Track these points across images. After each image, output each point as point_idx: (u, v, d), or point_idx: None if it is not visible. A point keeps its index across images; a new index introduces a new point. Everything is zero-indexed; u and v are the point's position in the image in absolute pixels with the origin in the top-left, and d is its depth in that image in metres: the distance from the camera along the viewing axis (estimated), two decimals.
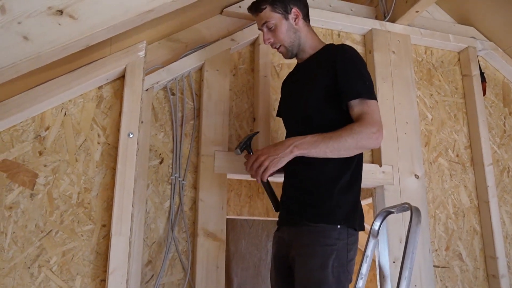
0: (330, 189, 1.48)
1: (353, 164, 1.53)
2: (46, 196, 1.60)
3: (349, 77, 1.50)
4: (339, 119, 1.50)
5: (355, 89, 1.48)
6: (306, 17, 1.66)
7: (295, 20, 1.61)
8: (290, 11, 1.61)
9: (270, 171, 1.48)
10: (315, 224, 1.45)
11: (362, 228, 1.53)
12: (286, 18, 1.61)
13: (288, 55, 1.66)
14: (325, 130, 1.48)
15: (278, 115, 1.86)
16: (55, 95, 1.66)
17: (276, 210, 1.68)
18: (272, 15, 1.60)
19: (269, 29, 1.63)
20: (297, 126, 1.62)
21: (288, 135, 1.70)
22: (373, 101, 1.49)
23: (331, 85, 1.52)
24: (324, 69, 1.55)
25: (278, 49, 1.66)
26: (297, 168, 1.55)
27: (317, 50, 1.64)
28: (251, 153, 1.65)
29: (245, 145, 1.65)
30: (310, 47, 1.65)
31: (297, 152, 1.45)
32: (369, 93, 1.50)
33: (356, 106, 1.48)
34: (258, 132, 1.82)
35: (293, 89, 1.71)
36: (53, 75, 1.69)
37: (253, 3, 1.65)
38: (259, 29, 1.66)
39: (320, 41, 1.68)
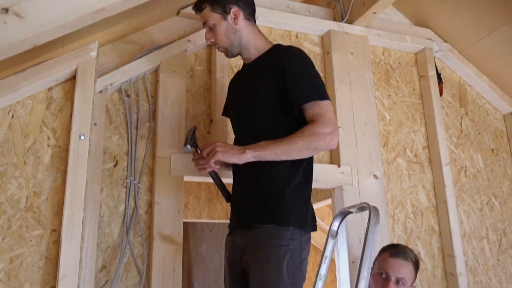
0: (281, 192, 1.47)
1: (303, 166, 1.52)
2: None
3: (299, 80, 1.49)
4: (286, 126, 1.49)
5: (305, 92, 1.47)
6: (251, 17, 1.64)
7: (234, 20, 1.59)
8: (229, 11, 1.59)
9: (219, 156, 1.46)
10: (267, 225, 1.44)
11: (315, 229, 1.53)
12: (225, 19, 1.59)
13: (228, 55, 1.65)
14: (273, 137, 1.46)
15: (224, 114, 1.84)
16: (2, 96, 1.61)
17: (227, 201, 1.66)
18: (211, 15, 1.59)
19: (210, 29, 1.62)
20: (245, 133, 1.60)
21: (236, 141, 1.67)
22: (326, 101, 1.48)
23: (279, 89, 1.50)
24: (272, 72, 1.53)
25: (218, 49, 1.65)
26: (247, 172, 1.54)
27: (264, 51, 1.62)
28: (198, 150, 1.63)
29: (192, 140, 1.62)
30: (254, 48, 1.62)
31: (249, 155, 1.44)
32: (321, 93, 1.49)
33: (309, 108, 1.47)
34: (195, 127, 1.77)
35: (240, 92, 1.68)
36: (2, 77, 1.64)
37: (195, 2, 1.64)
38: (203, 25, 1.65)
39: (266, 41, 1.65)
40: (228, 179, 1.82)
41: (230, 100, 1.78)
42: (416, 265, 1.84)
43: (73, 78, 1.72)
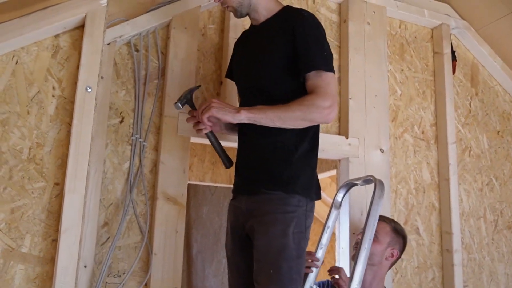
0: (288, 158, 1.45)
1: (311, 134, 1.50)
2: None
3: (308, 47, 1.44)
4: (295, 91, 1.45)
5: (312, 60, 1.43)
6: None
7: None
8: None
9: (213, 112, 1.42)
10: (274, 192, 1.43)
11: (319, 197, 1.52)
12: None
13: (237, 15, 1.57)
14: (280, 102, 1.43)
15: (228, 76, 1.77)
16: (6, 40, 1.53)
17: (227, 167, 1.61)
18: None
19: None
20: (251, 96, 1.55)
21: (242, 104, 1.62)
22: (330, 73, 1.44)
23: (289, 54, 1.46)
24: (282, 36, 1.48)
25: (227, 8, 1.56)
26: (253, 136, 1.51)
27: (274, 13, 1.55)
28: (195, 109, 1.57)
29: (186, 99, 1.56)
30: (264, 9, 1.55)
31: (243, 116, 1.40)
32: (326, 65, 1.45)
33: (311, 78, 1.43)
34: (199, 86, 1.73)
35: (247, 55, 1.62)
36: (6, 19, 1.55)
37: None
38: None
39: (277, 2, 1.58)
40: (230, 143, 1.80)
41: (236, 62, 1.71)
42: (396, 232, 1.86)
43: (81, 27, 1.64)
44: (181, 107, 1.55)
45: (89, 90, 1.58)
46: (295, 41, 1.44)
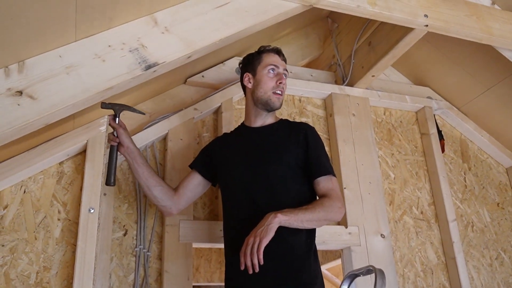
0: (306, 259, 1.50)
1: (313, 232, 1.58)
2: (3, 277, 1.56)
3: (319, 154, 1.62)
4: (302, 191, 1.58)
5: (324, 167, 1.60)
6: None
7: None
8: None
9: (265, 241, 1.38)
10: None
11: None
12: None
13: (280, 107, 1.72)
14: (288, 199, 1.53)
15: (194, 166, 1.78)
16: (15, 173, 1.66)
17: (109, 184, 1.63)
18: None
19: (285, 76, 1.72)
20: (255, 190, 1.57)
21: (237, 200, 1.61)
22: (335, 178, 1.62)
23: (300, 156, 1.60)
24: (295, 140, 1.62)
25: (281, 95, 1.71)
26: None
27: (277, 120, 1.74)
28: (117, 118, 1.65)
29: (111, 105, 1.63)
30: (275, 114, 1.76)
31: (282, 218, 1.42)
32: (333, 171, 1.63)
33: (323, 182, 1.58)
34: (143, 113, 1.78)
35: (249, 153, 1.66)
36: (15, 151, 1.69)
37: (278, 48, 1.76)
38: (275, 68, 1.71)
39: None
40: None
41: (230, 160, 1.70)
42: None
43: (83, 152, 1.77)
44: (105, 106, 1.62)
45: (92, 210, 1.67)
46: (308, 147, 1.60)
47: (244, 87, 1.79)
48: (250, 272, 1.37)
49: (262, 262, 1.36)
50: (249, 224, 1.49)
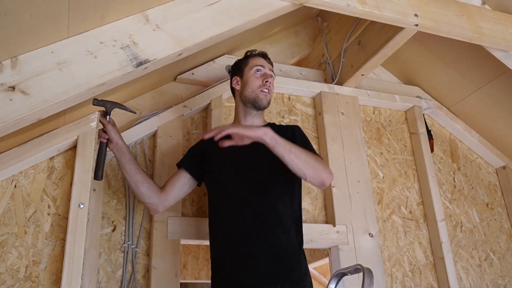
0: (297, 257, 1.52)
1: (302, 230, 1.61)
2: None
3: (306, 144, 1.69)
4: (295, 187, 1.65)
5: (312, 151, 1.66)
6: None
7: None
8: None
9: (241, 130, 1.47)
10: None
11: None
12: None
13: (268, 105, 1.77)
14: (275, 196, 1.57)
15: (182, 165, 1.79)
16: (7, 167, 1.68)
17: (97, 179, 1.67)
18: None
19: (271, 77, 1.76)
20: (248, 189, 1.60)
21: (227, 198, 1.63)
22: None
23: None
24: (283, 137, 1.60)
25: (268, 94, 1.75)
26: (258, 233, 1.53)
27: (265, 124, 1.78)
28: (108, 115, 1.70)
29: (102, 102, 1.67)
30: (262, 116, 1.82)
31: (272, 133, 1.48)
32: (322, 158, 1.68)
33: None
34: (134, 112, 1.80)
35: (244, 152, 1.63)
36: (6, 146, 1.71)
37: (263, 52, 1.83)
38: (261, 68, 1.77)
39: None
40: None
41: (220, 157, 1.71)
42: None
43: (74, 148, 1.79)
44: (97, 103, 1.65)
45: (82, 206, 1.68)
46: (295, 141, 1.61)
47: (233, 91, 1.84)
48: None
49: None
50: (239, 222, 1.53)
